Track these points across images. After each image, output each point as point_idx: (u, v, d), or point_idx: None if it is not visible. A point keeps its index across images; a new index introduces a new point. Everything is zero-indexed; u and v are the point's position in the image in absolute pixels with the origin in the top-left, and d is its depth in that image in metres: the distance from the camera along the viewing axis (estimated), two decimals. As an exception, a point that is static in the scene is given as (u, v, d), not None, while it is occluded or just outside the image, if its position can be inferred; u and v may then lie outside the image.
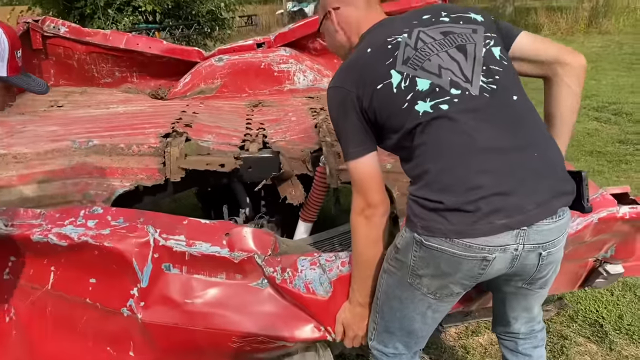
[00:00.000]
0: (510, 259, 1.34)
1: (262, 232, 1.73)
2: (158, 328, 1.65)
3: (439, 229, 1.31)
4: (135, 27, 10.64)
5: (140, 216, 1.70)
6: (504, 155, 1.32)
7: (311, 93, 3.34)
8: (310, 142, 2.36)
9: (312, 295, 1.61)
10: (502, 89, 1.38)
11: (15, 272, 1.78)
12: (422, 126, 1.35)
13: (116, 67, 3.51)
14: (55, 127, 2.45)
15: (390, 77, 1.40)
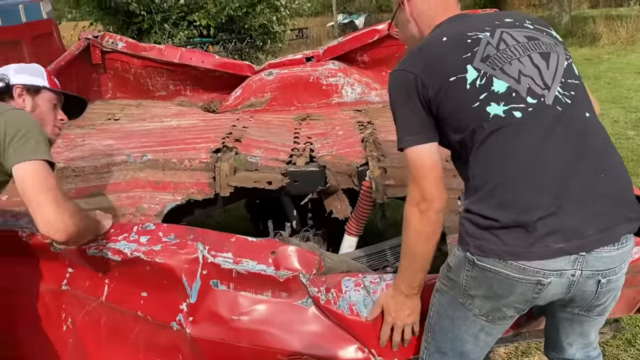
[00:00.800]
0: (567, 284, 1.28)
1: (307, 251, 1.74)
2: (206, 343, 1.68)
3: (493, 250, 1.27)
4: (190, 41, 10.97)
5: (190, 233, 1.73)
6: (569, 175, 1.26)
7: (359, 106, 3.36)
8: (356, 156, 2.36)
9: (356, 317, 1.60)
10: (576, 104, 1.34)
11: (73, 283, 1.86)
12: (489, 131, 1.29)
13: (170, 81, 3.63)
14: (112, 141, 2.55)
15: (466, 72, 1.33)
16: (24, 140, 1.49)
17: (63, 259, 1.83)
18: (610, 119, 6.17)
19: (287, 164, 2.35)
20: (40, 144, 1.52)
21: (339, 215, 2.33)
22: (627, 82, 8.03)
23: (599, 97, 7.23)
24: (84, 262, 1.79)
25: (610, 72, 8.83)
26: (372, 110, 3.21)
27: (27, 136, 1.50)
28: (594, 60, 10.19)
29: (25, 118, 1.57)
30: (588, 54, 11.09)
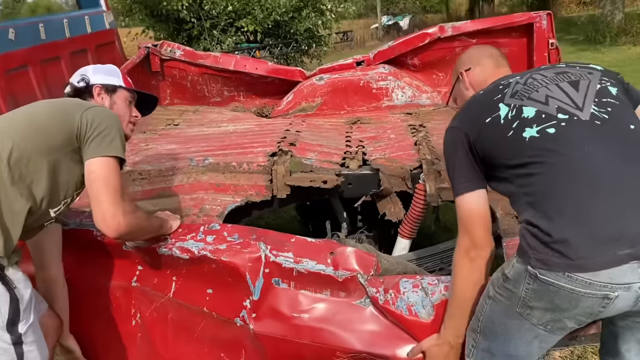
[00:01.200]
0: (634, 298, 1.25)
1: (364, 252, 1.79)
2: (268, 339, 1.75)
3: (556, 263, 1.25)
4: (238, 46, 11.20)
5: (252, 233, 1.82)
6: (620, 181, 1.27)
7: (409, 109, 3.39)
8: (409, 159, 2.40)
9: (414, 318, 1.64)
10: (616, 118, 1.35)
11: (142, 280, 1.97)
12: (531, 152, 1.34)
13: (225, 87, 3.75)
14: (174, 145, 2.67)
15: (499, 110, 1.43)
16: (103, 137, 1.61)
17: (134, 257, 1.94)
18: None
19: (340, 166, 2.41)
20: (116, 141, 1.63)
21: (393, 217, 2.37)
22: (686, 80, 7.73)
23: None
24: (154, 260, 1.90)
25: (667, 71, 8.52)
26: (423, 113, 3.24)
27: (105, 132, 1.61)
28: (649, 59, 9.86)
29: (108, 114, 1.69)
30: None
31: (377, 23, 23.61)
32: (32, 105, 1.73)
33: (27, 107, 1.71)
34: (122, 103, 1.89)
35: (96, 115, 1.64)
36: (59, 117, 1.63)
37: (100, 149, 1.60)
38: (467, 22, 3.45)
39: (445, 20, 23.74)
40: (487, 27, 3.36)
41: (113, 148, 1.62)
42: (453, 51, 3.45)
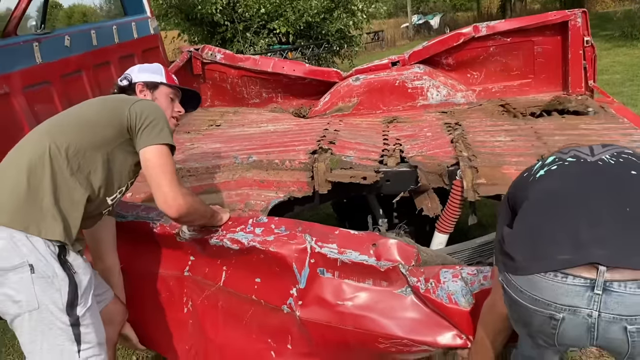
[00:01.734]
0: (585, 326, 1.22)
1: (405, 244, 1.87)
2: (314, 325, 1.85)
3: (514, 282, 1.30)
4: (270, 48, 11.37)
5: (298, 225, 1.93)
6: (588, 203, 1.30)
7: (445, 108, 3.44)
8: (446, 156, 2.47)
9: (454, 306, 1.72)
10: (621, 165, 1.40)
11: (194, 270, 2.10)
12: (532, 187, 1.45)
13: (263, 89, 3.88)
14: (219, 145, 2.80)
15: (535, 165, 1.55)
16: (152, 127, 1.73)
17: (186, 247, 2.07)
18: None
19: (379, 163, 2.50)
20: (165, 130, 1.76)
21: (430, 213, 2.44)
22: None
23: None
24: (206, 251, 2.02)
25: None
26: (458, 112, 3.29)
27: (154, 122, 1.74)
28: (684, 55, 9.63)
29: (154, 107, 1.82)
30: (679, 48, 10.49)
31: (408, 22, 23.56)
32: (83, 103, 1.87)
33: (78, 106, 1.85)
34: (164, 98, 2.00)
35: (144, 108, 1.77)
36: (108, 113, 1.77)
37: (152, 138, 1.73)
38: (501, 22, 3.48)
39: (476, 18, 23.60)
40: (522, 26, 3.39)
41: (164, 136, 1.74)
42: (487, 50, 3.49)
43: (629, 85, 7.89)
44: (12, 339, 3.16)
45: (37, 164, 1.61)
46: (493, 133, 2.75)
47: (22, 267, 1.53)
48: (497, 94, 3.57)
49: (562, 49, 3.42)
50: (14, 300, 1.55)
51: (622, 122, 2.78)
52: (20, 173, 1.59)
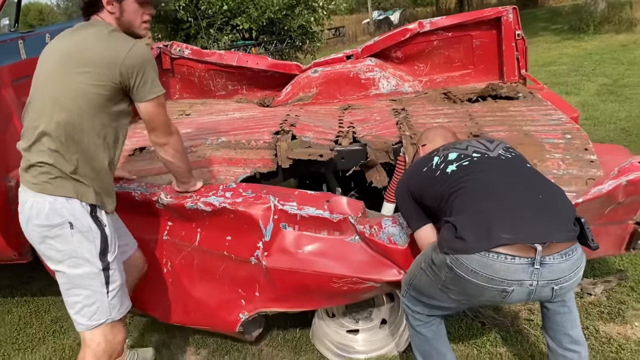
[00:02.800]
0: (527, 292, 1.65)
1: (354, 200, 2.25)
2: (277, 272, 2.22)
3: (459, 247, 1.66)
4: (234, 44, 11.58)
5: (263, 189, 2.29)
6: (512, 196, 1.71)
7: (394, 96, 3.82)
8: (392, 135, 2.84)
9: (394, 246, 2.11)
10: (517, 159, 1.86)
11: (172, 234, 2.43)
12: (452, 184, 1.82)
13: (229, 82, 4.17)
14: (189, 130, 3.10)
15: (432, 161, 1.99)
16: (143, 82, 1.92)
17: (164, 214, 2.40)
18: (639, 102, 6.41)
19: (334, 143, 2.84)
20: (155, 82, 1.95)
21: (378, 184, 2.80)
22: (661, 66, 8.17)
23: (632, 82, 7.43)
24: (182, 215, 2.34)
25: (645, 58, 8.94)
26: (406, 100, 3.67)
27: (144, 77, 1.91)
28: (630, 46, 10.23)
29: (140, 58, 1.90)
30: (624, 40, 11.12)
31: (368, 18, 23.96)
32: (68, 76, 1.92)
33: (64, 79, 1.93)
34: (132, 7, 1.98)
35: (131, 64, 1.88)
36: (104, 80, 1.90)
37: (145, 94, 1.94)
38: (443, 18, 3.87)
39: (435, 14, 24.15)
40: (461, 21, 3.78)
41: (154, 90, 1.95)
42: (432, 44, 3.88)
43: (573, 75, 8.44)
44: (1, 314, 3.40)
45: (68, 141, 1.91)
46: (433, 116, 3.13)
47: (64, 224, 1.92)
48: (441, 83, 3.96)
49: (497, 41, 3.82)
50: (58, 250, 1.96)
51: (546, 105, 3.19)
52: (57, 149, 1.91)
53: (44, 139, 1.92)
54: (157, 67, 2.00)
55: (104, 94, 1.92)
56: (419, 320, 2.03)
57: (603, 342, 2.51)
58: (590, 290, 2.84)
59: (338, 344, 2.65)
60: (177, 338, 2.96)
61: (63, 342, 3.05)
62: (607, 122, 5.80)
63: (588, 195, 2.05)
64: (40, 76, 2.01)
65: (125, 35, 1.98)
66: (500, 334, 2.64)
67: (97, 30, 1.96)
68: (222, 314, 2.42)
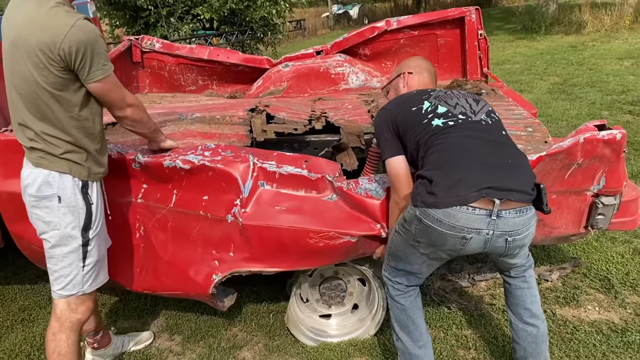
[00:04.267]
0: (483, 241, 1.87)
1: (331, 161, 2.34)
2: (253, 229, 2.26)
3: (431, 202, 1.85)
4: (194, 33, 11.46)
5: (242, 149, 2.34)
6: (485, 159, 1.88)
7: (363, 91, 3.93)
8: (364, 122, 2.95)
9: (370, 199, 2.24)
10: (495, 125, 2.02)
11: (146, 196, 2.44)
12: (433, 133, 1.97)
13: (199, 76, 4.18)
14: (162, 110, 3.12)
15: (422, 104, 2.10)
16: (89, 63, 1.87)
17: (140, 176, 2.40)
18: (587, 101, 6.76)
19: (308, 122, 2.92)
20: (97, 63, 1.89)
21: (348, 167, 2.86)
22: (608, 67, 8.58)
23: (581, 81, 7.81)
24: (158, 176, 2.35)
25: (592, 59, 9.35)
26: (374, 94, 3.80)
27: (83, 60, 1.85)
28: (578, 48, 10.69)
29: (76, 40, 1.82)
30: (573, 41, 11.61)
31: (328, 12, 24.06)
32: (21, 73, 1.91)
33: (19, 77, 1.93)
34: None
35: (73, 43, 1.82)
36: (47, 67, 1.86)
37: (93, 75, 1.91)
38: (409, 17, 4.00)
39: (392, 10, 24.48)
40: (426, 20, 3.92)
41: (102, 69, 1.92)
42: (398, 42, 4.01)
43: (526, 74, 8.80)
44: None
45: (48, 130, 1.98)
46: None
47: (52, 197, 2.02)
48: (408, 80, 4.10)
49: (460, 40, 3.98)
50: (44, 220, 2.09)
51: (508, 101, 3.37)
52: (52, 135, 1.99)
53: (27, 131, 2.01)
54: (103, 43, 1.93)
55: (54, 81, 1.90)
56: (398, 290, 2.19)
57: (559, 324, 2.72)
58: (546, 276, 3.05)
59: (311, 328, 2.77)
60: (150, 325, 3.01)
61: (33, 329, 3.06)
62: (559, 119, 6.11)
63: (551, 150, 2.19)
64: (4, 66, 1.98)
65: (68, 9, 1.90)
66: (465, 318, 2.82)
67: (37, 5, 1.88)
68: (195, 277, 2.43)
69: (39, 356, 2.83)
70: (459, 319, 2.81)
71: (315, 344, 2.73)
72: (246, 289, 3.21)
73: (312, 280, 2.75)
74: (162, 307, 3.17)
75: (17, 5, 1.94)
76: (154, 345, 2.85)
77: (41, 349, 2.87)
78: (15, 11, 1.93)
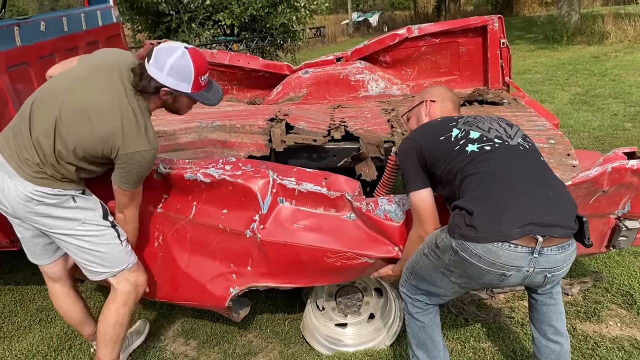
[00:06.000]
0: (522, 277, 1.80)
1: (351, 179, 2.32)
2: (272, 245, 2.26)
3: (470, 236, 1.76)
4: (215, 39, 11.55)
5: (262, 164, 2.34)
6: (526, 188, 1.80)
7: (382, 99, 3.92)
8: (383, 132, 2.93)
9: (389, 222, 2.20)
10: (533, 151, 1.96)
11: (166, 206, 2.46)
12: (469, 160, 1.89)
13: (220, 81, 4.20)
14: (184, 116, 3.13)
15: (451, 132, 2.02)
16: (125, 174, 2.11)
17: (160, 187, 2.41)
18: (610, 112, 6.66)
19: (327, 132, 2.91)
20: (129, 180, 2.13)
21: (367, 177, 2.87)
22: (631, 78, 8.45)
23: (603, 92, 7.70)
24: (179, 187, 2.37)
25: (615, 69, 9.22)
26: (394, 102, 3.78)
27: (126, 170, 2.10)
28: (601, 58, 10.55)
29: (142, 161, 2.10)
30: (596, 51, 11.47)
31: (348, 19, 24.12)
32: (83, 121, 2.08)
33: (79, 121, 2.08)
34: (184, 103, 2.22)
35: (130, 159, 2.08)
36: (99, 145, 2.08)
37: (120, 181, 2.15)
38: (431, 24, 3.98)
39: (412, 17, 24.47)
40: (448, 28, 3.90)
41: (130, 186, 2.16)
42: (419, 50, 3.99)
43: (547, 84, 8.70)
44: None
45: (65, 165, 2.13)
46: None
47: (67, 200, 2.18)
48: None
49: (482, 50, 3.96)
50: (69, 219, 2.20)
51: (530, 111, 3.34)
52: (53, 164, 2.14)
53: (39, 153, 2.12)
54: (148, 171, 2.17)
55: (95, 155, 2.12)
56: (417, 308, 2.13)
57: (580, 339, 2.66)
58: (567, 290, 2.99)
59: (327, 337, 2.74)
60: (166, 329, 3.01)
61: (50, 330, 3.07)
62: (580, 130, 6.03)
63: (577, 179, 2.13)
64: (60, 89, 2.13)
65: (152, 130, 2.14)
66: (483, 330, 2.77)
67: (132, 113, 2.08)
68: (212, 289, 2.44)
69: (56, 357, 2.85)
70: (476, 332, 2.77)
71: (330, 352, 2.71)
72: (262, 296, 3.20)
73: (329, 289, 2.73)
74: (178, 311, 3.16)
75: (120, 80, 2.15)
76: (169, 350, 2.85)
77: (58, 350, 2.89)
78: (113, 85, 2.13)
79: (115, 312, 2.37)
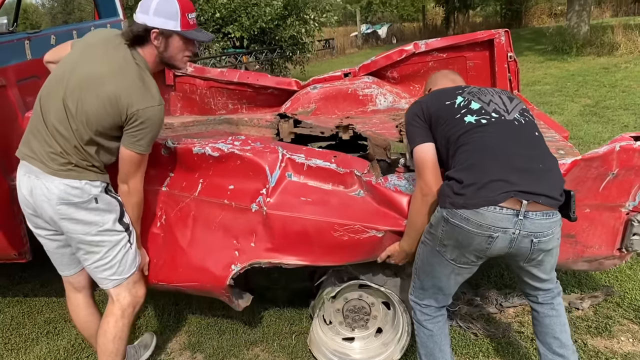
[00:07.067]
0: (509, 240, 1.86)
1: (360, 158, 2.32)
2: (278, 218, 2.26)
3: (460, 203, 1.86)
4: (225, 52, 11.64)
5: (272, 141, 2.36)
6: (516, 161, 1.88)
7: (391, 112, 3.91)
8: (392, 135, 2.94)
9: (398, 194, 2.22)
10: (528, 125, 2.00)
11: (172, 185, 2.46)
12: (465, 130, 1.98)
13: (229, 100, 4.17)
14: (192, 114, 3.17)
15: (455, 98, 2.10)
16: (138, 134, 2.11)
17: (166, 164, 2.42)
18: (620, 124, 6.63)
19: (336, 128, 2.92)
20: (143, 140, 2.13)
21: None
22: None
23: (613, 104, 7.68)
24: (186, 164, 2.38)
25: (625, 81, 9.19)
26: (402, 115, 3.78)
27: (138, 131, 2.11)
28: (611, 69, 10.52)
29: (149, 117, 2.09)
30: (606, 63, 11.44)
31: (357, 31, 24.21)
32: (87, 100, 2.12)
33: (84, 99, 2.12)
34: (176, 44, 2.18)
35: (143, 115, 2.09)
36: (111, 117, 2.11)
37: (131, 144, 2.14)
38: (438, 39, 3.98)
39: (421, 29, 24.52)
40: (455, 43, 3.90)
41: (142, 147, 2.16)
42: (427, 65, 3.99)
43: (557, 95, 8.69)
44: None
45: (85, 146, 2.16)
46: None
47: (90, 200, 2.20)
48: (436, 103, 4.09)
49: (489, 63, 3.95)
50: (87, 222, 2.21)
51: (539, 124, 3.33)
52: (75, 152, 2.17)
53: (61, 140, 2.15)
54: (159, 131, 2.17)
55: (107, 125, 2.13)
56: (426, 315, 2.17)
57: (591, 355, 2.64)
58: (577, 305, 2.97)
59: (334, 351, 2.74)
60: (173, 342, 3.03)
61: (57, 343, 3.09)
62: (590, 142, 6.00)
63: (587, 154, 2.17)
64: (61, 75, 2.17)
65: (154, 85, 2.15)
66: (492, 345, 2.76)
67: (132, 72, 2.12)
68: (214, 267, 2.41)
69: (64, 370, 2.86)
70: (485, 347, 2.75)
71: (338, 367, 2.70)
72: (269, 309, 3.20)
73: (336, 303, 2.72)
74: (185, 324, 3.18)
75: (115, 48, 2.20)
76: (177, 364, 2.86)
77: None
78: (109, 53, 2.18)
79: (114, 325, 2.38)
